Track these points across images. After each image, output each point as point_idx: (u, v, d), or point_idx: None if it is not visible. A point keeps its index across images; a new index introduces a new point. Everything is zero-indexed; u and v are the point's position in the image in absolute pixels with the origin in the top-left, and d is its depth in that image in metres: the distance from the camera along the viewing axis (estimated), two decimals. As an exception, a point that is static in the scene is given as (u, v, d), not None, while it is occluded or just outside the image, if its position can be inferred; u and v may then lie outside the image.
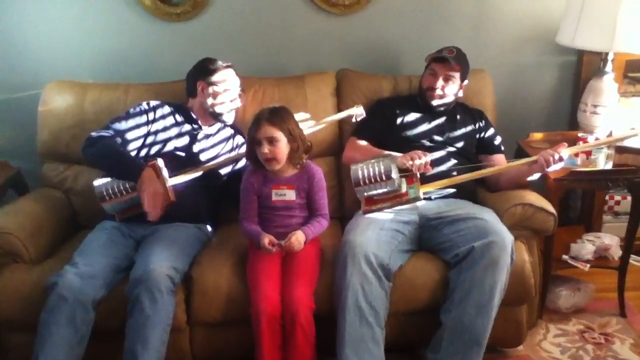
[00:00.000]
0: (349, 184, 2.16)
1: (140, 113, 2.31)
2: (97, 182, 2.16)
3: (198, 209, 2.31)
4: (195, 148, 2.34)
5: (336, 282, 1.99)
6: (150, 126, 2.31)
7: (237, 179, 2.27)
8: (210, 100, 2.33)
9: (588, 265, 2.41)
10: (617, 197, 2.85)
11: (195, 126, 2.37)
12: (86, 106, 2.51)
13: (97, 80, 2.69)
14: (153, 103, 2.36)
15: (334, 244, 2.12)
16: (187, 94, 2.39)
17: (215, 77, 2.32)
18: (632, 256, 2.48)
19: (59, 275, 1.94)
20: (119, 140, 2.22)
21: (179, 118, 2.36)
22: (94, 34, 2.72)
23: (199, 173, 2.26)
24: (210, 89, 2.32)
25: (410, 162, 2.06)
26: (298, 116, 2.15)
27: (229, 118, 2.38)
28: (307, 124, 2.30)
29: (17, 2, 2.65)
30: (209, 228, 2.35)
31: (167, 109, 2.36)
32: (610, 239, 2.50)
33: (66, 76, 2.63)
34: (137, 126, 2.29)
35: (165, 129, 2.33)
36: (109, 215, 2.21)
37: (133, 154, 2.26)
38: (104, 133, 2.21)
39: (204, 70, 2.34)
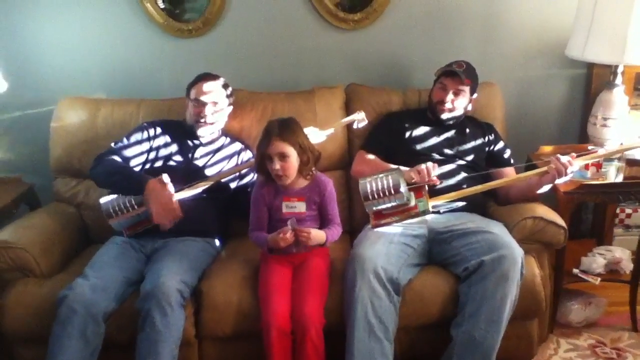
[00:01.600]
0: (358, 198, 2.16)
1: (141, 131, 2.36)
2: (103, 199, 2.20)
3: (206, 223, 2.32)
4: (197, 162, 2.36)
5: (345, 296, 1.99)
6: (151, 143, 2.35)
7: (244, 192, 2.29)
8: (188, 116, 2.38)
9: (599, 279, 2.39)
10: (628, 210, 2.83)
11: (195, 141, 2.39)
12: (98, 122, 2.55)
13: (110, 96, 2.73)
14: (152, 121, 2.41)
15: (343, 258, 2.12)
16: None
17: (192, 94, 2.35)
18: (645, 270, 2.45)
19: (70, 287, 1.96)
20: (122, 159, 2.26)
21: (178, 134, 2.39)
22: (107, 50, 2.76)
23: (205, 186, 2.26)
24: (190, 105, 2.36)
25: (418, 176, 2.06)
26: (308, 130, 2.16)
27: (203, 132, 2.37)
28: (311, 136, 2.30)
29: (31, 19, 2.70)
30: (217, 242, 2.36)
31: (165, 126, 2.40)
32: (621, 253, 2.48)
33: (79, 92, 2.67)
34: (139, 143, 2.34)
35: (165, 145, 2.37)
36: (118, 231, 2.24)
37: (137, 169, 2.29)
38: (107, 154, 2.26)
39: (188, 86, 2.38)
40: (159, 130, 2.39)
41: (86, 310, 1.91)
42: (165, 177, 2.15)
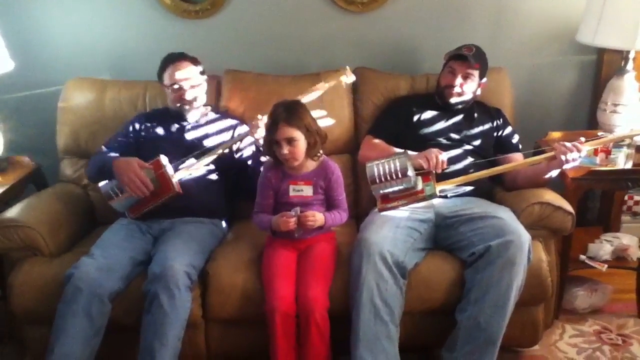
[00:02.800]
0: (364, 182, 2.16)
1: (127, 127, 2.39)
2: (102, 182, 2.22)
3: (212, 203, 2.33)
4: (188, 141, 2.36)
5: (351, 280, 1.99)
6: (138, 135, 2.37)
7: (246, 167, 2.32)
8: (169, 102, 2.38)
9: (606, 266, 2.39)
10: (637, 197, 2.82)
11: (183, 123, 2.39)
12: (106, 103, 2.55)
13: (116, 77, 2.73)
14: (137, 115, 2.44)
15: (350, 242, 2.12)
16: None
17: (166, 80, 2.34)
18: (652, 257, 2.45)
19: (76, 266, 1.97)
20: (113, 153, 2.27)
21: (163, 120, 2.40)
22: (114, 31, 2.75)
23: (203, 162, 2.26)
24: (167, 91, 2.35)
25: (427, 164, 2.05)
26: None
27: (192, 115, 2.37)
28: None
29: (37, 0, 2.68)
30: (223, 224, 2.37)
31: (150, 116, 2.43)
32: (629, 240, 2.47)
33: (86, 73, 2.66)
34: (125, 138, 2.36)
35: (153, 133, 2.38)
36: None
37: None
38: (97, 154, 2.31)
39: (158, 72, 2.37)
40: (143, 120, 2.41)
41: (91, 290, 1.92)
42: (163, 158, 2.16)
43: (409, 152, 2.11)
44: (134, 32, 2.76)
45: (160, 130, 2.39)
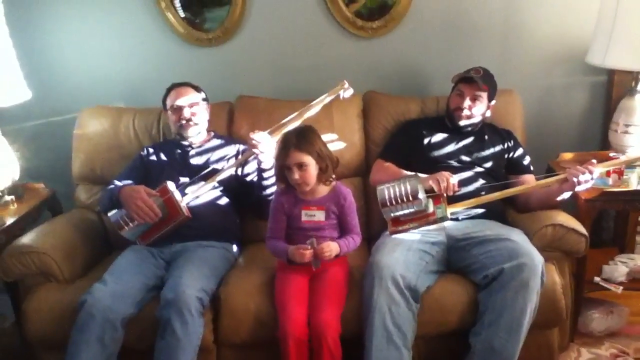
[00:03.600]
0: (376, 205, 2.16)
1: (135, 159, 2.46)
2: (111, 212, 2.25)
3: (222, 225, 2.35)
4: (192, 166, 2.39)
5: (363, 303, 1.99)
6: (145, 165, 2.42)
7: (251, 184, 2.35)
8: (171, 127, 2.45)
9: (621, 288, 2.36)
10: (652, 218, 2.78)
11: (186, 149, 2.44)
12: (120, 130, 2.60)
13: (131, 105, 2.78)
14: (146, 147, 2.50)
15: (361, 265, 2.12)
16: None
17: (167, 105, 2.42)
18: (668, 279, 2.41)
19: (89, 292, 1.99)
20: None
21: (168, 148, 2.46)
22: (129, 60, 2.82)
23: (210, 185, 2.29)
24: (169, 115, 2.42)
25: (437, 186, 2.05)
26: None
27: (190, 133, 2.41)
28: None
29: (56, 30, 2.76)
30: (235, 248, 2.38)
31: (156, 146, 2.48)
32: (644, 261, 2.44)
33: (101, 101, 2.72)
34: (135, 169, 2.41)
35: (158, 161, 2.43)
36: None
37: None
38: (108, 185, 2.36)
39: (163, 100, 2.45)
40: (150, 151, 2.46)
41: (104, 316, 1.93)
42: (170, 184, 2.20)
43: (420, 174, 2.12)
44: (148, 61, 2.82)
45: (165, 158, 2.43)
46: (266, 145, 2.21)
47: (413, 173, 2.15)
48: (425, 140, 2.41)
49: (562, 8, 2.72)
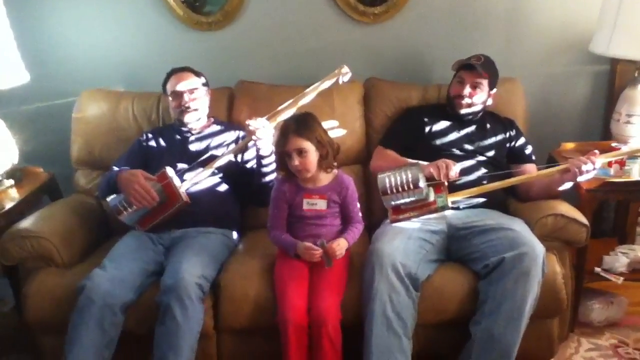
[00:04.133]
0: (376, 193, 2.15)
1: (135, 144, 2.44)
2: (110, 197, 2.24)
3: (222, 212, 2.34)
4: (191, 152, 2.38)
5: (364, 291, 1.98)
6: (144, 150, 2.40)
7: (251, 171, 2.34)
8: (171, 112, 2.42)
9: (622, 278, 2.36)
10: (653, 209, 2.78)
11: (186, 134, 2.42)
12: (119, 114, 2.58)
13: (130, 88, 2.76)
14: (145, 132, 2.48)
15: (362, 253, 2.11)
16: None
17: (168, 90, 2.39)
18: (668, 270, 2.41)
19: (88, 278, 1.98)
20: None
21: (168, 134, 2.44)
22: (128, 43, 2.79)
23: (208, 172, 2.27)
24: (169, 100, 2.39)
25: (437, 173, 2.04)
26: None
27: (189, 119, 2.39)
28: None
29: (55, 12, 2.72)
30: (235, 235, 2.37)
31: (155, 132, 2.46)
32: (644, 252, 2.44)
33: (100, 85, 2.69)
34: (134, 155, 2.39)
35: (158, 146, 2.41)
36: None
37: None
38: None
39: (163, 85, 2.42)
40: (150, 136, 2.44)
41: (103, 301, 1.93)
42: (169, 170, 2.19)
43: (421, 162, 2.10)
44: (148, 44, 2.79)
45: (164, 144, 2.42)
46: (264, 131, 2.19)
47: (414, 161, 2.14)
48: (427, 128, 2.40)
49: (566, -5, 2.69)
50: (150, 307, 1.98)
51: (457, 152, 2.33)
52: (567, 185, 2.14)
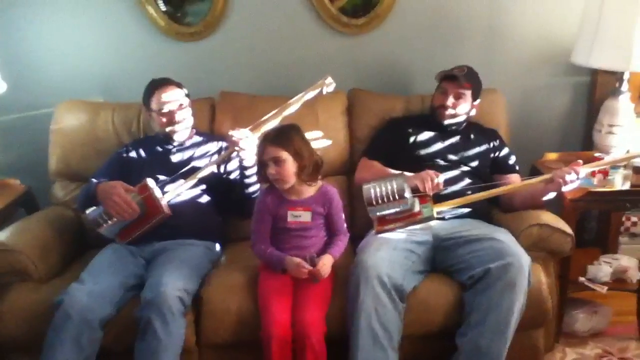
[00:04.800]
0: (360, 204, 2.13)
1: (114, 157, 2.39)
2: (89, 210, 2.18)
3: (204, 224, 2.30)
4: (174, 161, 2.34)
5: (349, 303, 1.96)
6: (125, 163, 2.35)
7: (234, 182, 2.31)
8: (156, 127, 2.37)
9: (606, 288, 2.36)
10: (634, 219, 2.80)
11: (167, 146, 2.37)
12: (98, 125, 2.53)
13: (110, 99, 2.71)
14: (125, 144, 2.44)
15: (346, 265, 2.08)
16: None
17: (153, 105, 2.32)
18: (652, 278, 2.42)
19: (65, 292, 1.93)
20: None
21: (149, 146, 2.39)
22: (108, 53, 2.74)
23: (191, 182, 2.24)
24: (154, 115, 2.33)
25: (422, 185, 2.03)
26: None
27: (180, 136, 2.35)
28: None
29: (31, 22, 2.67)
30: (217, 247, 2.33)
31: (136, 143, 2.42)
32: (628, 261, 2.44)
33: (78, 96, 2.64)
34: (113, 167, 2.33)
35: (139, 159, 2.36)
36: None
37: None
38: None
39: (144, 99, 2.36)
40: (130, 148, 2.40)
41: (81, 317, 1.87)
42: (150, 182, 2.14)
43: (406, 173, 2.09)
44: (128, 54, 2.75)
45: (145, 155, 2.37)
46: (247, 142, 2.17)
47: (399, 172, 2.13)
48: (411, 139, 2.39)
49: (546, 8, 2.72)
50: (130, 323, 1.93)
51: (441, 162, 2.33)
52: (551, 195, 2.15)
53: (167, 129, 2.32)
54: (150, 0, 2.64)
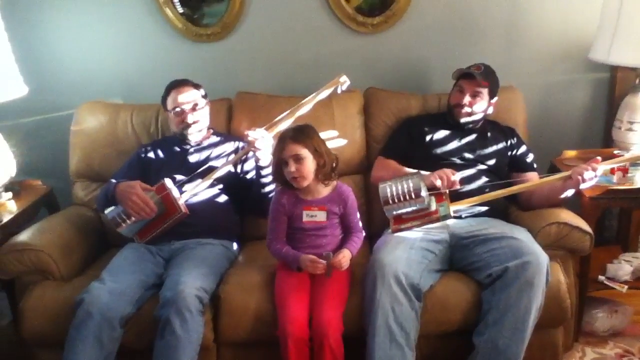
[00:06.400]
0: (377, 202, 2.13)
1: (134, 157, 2.42)
2: (108, 209, 2.22)
3: (221, 223, 2.33)
4: (191, 161, 2.37)
5: (366, 302, 1.96)
6: (143, 163, 2.38)
7: (251, 181, 2.33)
8: (173, 127, 2.40)
9: (626, 287, 2.34)
10: (655, 216, 2.76)
11: (185, 147, 2.40)
12: (118, 126, 2.57)
13: (129, 101, 2.75)
14: (144, 144, 2.47)
15: (363, 263, 2.09)
16: None
17: (169, 105, 2.36)
18: (673, 277, 2.39)
19: (86, 291, 1.96)
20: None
21: (167, 146, 2.42)
22: (127, 55, 2.79)
23: (207, 184, 2.26)
24: (170, 116, 2.36)
25: (439, 182, 2.03)
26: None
27: (193, 136, 2.37)
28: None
29: (52, 23, 2.73)
30: (235, 246, 2.35)
31: (155, 144, 2.45)
32: (648, 260, 2.42)
33: (99, 97, 2.69)
34: (133, 168, 2.37)
35: (157, 160, 2.39)
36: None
37: None
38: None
39: (162, 99, 2.39)
40: (149, 148, 2.42)
41: (102, 315, 1.90)
42: (168, 181, 2.17)
43: (422, 172, 2.09)
44: (147, 56, 2.79)
45: (163, 156, 2.40)
46: (263, 142, 2.18)
47: (415, 170, 2.12)
48: (427, 137, 2.39)
49: (565, 4, 2.69)
50: (149, 321, 1.96)
51: (457, 160, 2.32)
52: (569, 192, 2.13)
53: (180, 129, 2.35)
54: (168, 3, 2.68)
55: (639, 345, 2.36)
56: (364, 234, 2.12)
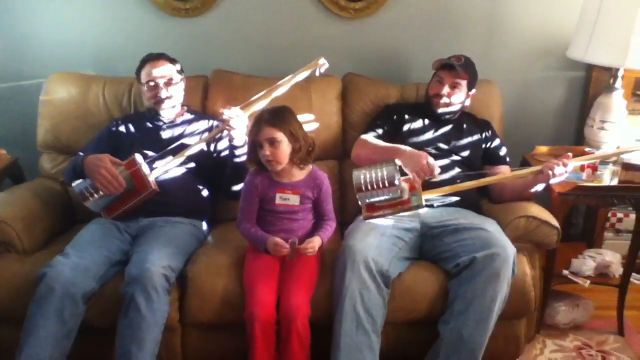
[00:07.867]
0: (350, 189, 2.13)
1: (104, 131, 2.36)
2: (76, 182, 2.16)
3: (191, 202, 2.29)
4: (164, 138, 2.32)
5: (335, 287, 1.96)
6: (114, 138, 2.33)
7: (224, 161, 2.30)
8: (145, 101, 2.36)
9: (588, 282, 2.39)
10: (620, 215, 2.82)
11: (157, 123, 2.35)
12: (89, 98, 2.50)
13: (102, 73, 2.67)
14: (115, 119, 2.42)
15: (334, 249, 2.09)
16: None
17: (142, 78, 2.31)
18: (634, 274, 2.44)
19: (49, 265, 1.92)
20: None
21: (139, 122, 2.37)
22: (100, 26, 2.71)
23: (179, 161, 2.22)
24: (144, 89, 2.32)
25: (417, 177, 2.02)
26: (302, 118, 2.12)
27: (166, 112, 2.33)
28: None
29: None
30: (204, 225, 2.32)
31: (127, 119, 2.39)
32: (611, 256, 2.47)
33: (71, 68, 2.62)
34: (102, 142, 2.31)
35: (128, 135, 2.34)
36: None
37: None
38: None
39: (136, 71, 2.34)
40: (120, 123, 2.37)
41: (64, 290, 1.86)
42: (138, 157, 2.13)
43: (402, 146, 2.08)
44: (122, 28, 2.71)
45: (135, 131, 2.35)
46: (238, 121, 2.15)
47: (397, 145, 2.11)
48: (406, 126, 2.38)
49: (545, 3, 2.71)
50: (114, 298, 1.93)
51: (432, 150, 2.32)
52: (540, 187, 2.15)
53: (152, 102, 2.31)
54: (146, -26, 2.61)
55: (597, 339, 2.41)
56: (335, 222, 2.12)
